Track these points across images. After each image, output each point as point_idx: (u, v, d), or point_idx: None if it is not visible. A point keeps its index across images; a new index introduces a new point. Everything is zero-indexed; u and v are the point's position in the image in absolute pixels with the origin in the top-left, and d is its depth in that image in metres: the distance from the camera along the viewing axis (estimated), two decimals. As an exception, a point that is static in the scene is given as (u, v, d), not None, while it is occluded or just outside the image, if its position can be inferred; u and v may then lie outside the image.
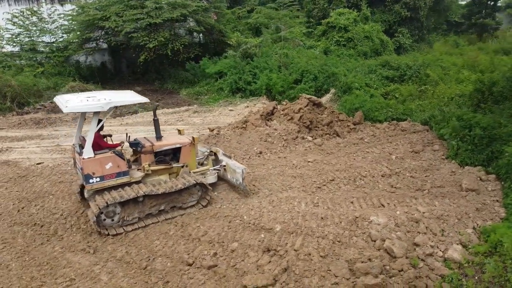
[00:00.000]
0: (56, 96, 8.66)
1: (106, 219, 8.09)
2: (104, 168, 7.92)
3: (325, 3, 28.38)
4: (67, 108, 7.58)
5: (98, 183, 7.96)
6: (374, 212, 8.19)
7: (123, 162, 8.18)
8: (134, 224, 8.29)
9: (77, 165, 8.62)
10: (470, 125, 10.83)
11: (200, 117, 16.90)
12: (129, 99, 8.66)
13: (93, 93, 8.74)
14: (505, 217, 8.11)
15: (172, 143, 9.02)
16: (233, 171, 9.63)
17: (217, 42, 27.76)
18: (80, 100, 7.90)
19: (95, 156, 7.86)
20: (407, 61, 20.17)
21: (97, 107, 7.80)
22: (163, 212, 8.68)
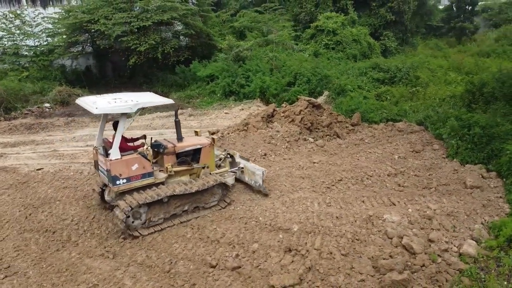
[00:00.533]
0: (79, 98, 8.61)
1: (134, 221, 8.09)
2: (130, 169, 7.94)
3: (312, 7, 28.71)
4: (97, 109, 7.55)
5: (125, 184, 7.97)
6: (387, 210, 8.38)
7: (148, 163, 8.23)
8: (157, 226, 8.31)
9: (100, 167, 8.55)
10: (469, 124, 11.20)
11: (197, 120, 16.85)
12: (155, 100, 8.66)
13: (117, 94, 8.74)
14: (509, 212, 8.44)
15: (193, 144, 9.10)
16: (252, 173, 9.74)
17: (205, 45, 27.78)
18: (108, 101, 7.87)
19: (121, 158, 7.87)
20: (397, 64, 20.62)
21: (126, 108, 7.82)
22: (186, 212, 8.75)
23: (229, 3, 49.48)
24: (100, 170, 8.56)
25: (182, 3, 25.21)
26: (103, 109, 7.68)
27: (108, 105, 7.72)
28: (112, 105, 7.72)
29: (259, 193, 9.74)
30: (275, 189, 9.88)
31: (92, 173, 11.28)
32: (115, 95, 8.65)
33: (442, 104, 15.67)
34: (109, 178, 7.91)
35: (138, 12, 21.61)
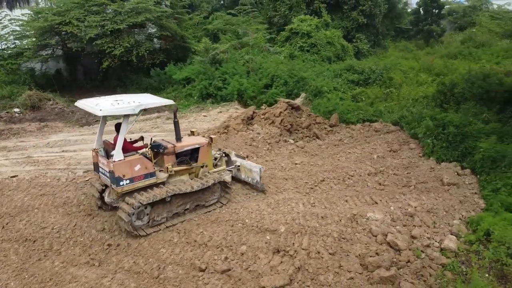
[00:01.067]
0: (79, 101, 8.59)
1: (137, 220, 8.14)
2: (133, 170, 8.04)
3: (286, 10, 29.01)
4: (101, 111, 7.64)
5: (128, 185, 8.05)
6: (370, 209, 8.57)
7: (150, 164, 8.36)
8: (162, 224, 8.46)
9: (101, 169, 8.57)
10: (443, 124, 11.60)
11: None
12: (156, 101, 8.87)
13: (116, 96, 8.81)
14: (485, 207, 8.79)
15: (192, 144, 9.27)
16: (249, 171, 10.01)
17: (180, 48, 27.59)
18: (111, 103, 7.98)
19: (124, 159, 7.96)
20: (370, 65, 21.11)
21: (129, 110, 7.93)
22: (187, 211, 8.92)
23: (201, 5, 49.35)
24: (101, 172, 8.58)
25: (156, 5, 25.01)
26: (107, 111, 7.76)
27: (111, 107, 7.82)
28: (115, 107, 7.84)
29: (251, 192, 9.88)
30: (255, 192, 9.93)
31: (70, 180, 11.02)
32: (115, 97, 8.72)
33: (416, 105, 16.15)
34: (112, 179, 7.96)
35: (111, 15, 21.21)
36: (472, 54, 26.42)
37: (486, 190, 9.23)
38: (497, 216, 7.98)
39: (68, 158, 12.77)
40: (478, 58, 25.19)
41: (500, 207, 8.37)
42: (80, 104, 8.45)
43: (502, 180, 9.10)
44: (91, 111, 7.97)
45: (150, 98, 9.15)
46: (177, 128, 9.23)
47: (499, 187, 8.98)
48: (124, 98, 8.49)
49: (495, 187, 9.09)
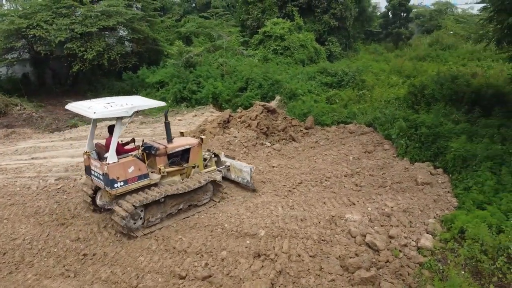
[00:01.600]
0: (69, 104, 8.53)
1: (131, 222, 8.17)
2: (127, 172, 8.09)
3: (258, 13, 29.10)
4: (95, 114, 7.63)
5: (123, 187, 8.10)
6: (348, 210, 8.66)
7: (144, 165, 8.42)
8: (157, 225, 8.56)
9: (93, 171, 8.53)
10: (416, 125, 11.90)
11: (150, 128, 16.43)
12: (148, 103, 8.88)
13: (108, 99, 8.82)
14: (458, 205, 9.04)
15: (183, 145, 9.39)
16: (239, 171, 10.21)
17: (152, 51, 27.24)
18: (104, 106, 7.94)
19: (118, 161, 7.98)
20: (343, 68, 21.46)
21: (123, 112, 7.92)
22: (181, 211, 9.06)
23: (173, 8, 48.99)
24: (93, 175, 8.54)
25: (127, 8, 24.60)
26: (101, 114, 7.71)
27: (104, 109, 7.78)
28: (109, 110, 7.80)
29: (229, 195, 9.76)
30: (237, 194, 9.90)
31: (41, 188, 10.64)
32: (107, 99, 8.72)
33: (388, 106, 16.52)
34: (106, 181, 7.96)
35: (81, 18, 20.69)
36: (440, 56, 27.29)
37: (458, 189, 9.51)
38: (469, 214, 8.21)
39: (38, 165, 12.33)
40: (445, 60, 26.05)
41: (472, 205, 8.62)
42: (71, 107, 8.39)
43: (473, 178, 9.39)
44: (84, 114, 7.93)
45: (142, 100, 9.17)
46: (168, 129, 9.28)
47: (471, 186, 9.25)
48: (116, 100, 8.49)
49: (466, 185, 9.37)
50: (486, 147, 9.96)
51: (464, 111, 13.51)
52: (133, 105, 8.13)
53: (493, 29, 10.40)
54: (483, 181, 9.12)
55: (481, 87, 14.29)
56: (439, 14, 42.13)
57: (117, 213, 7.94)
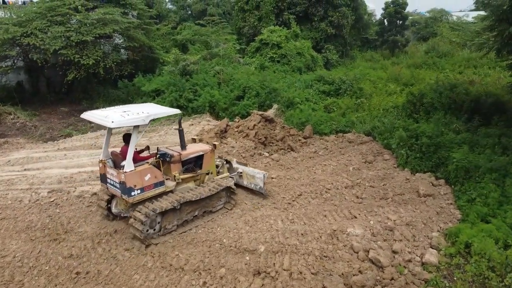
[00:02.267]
0: (85, 113, 8.53)
1: (149, 230, 8.14)
2: (144, 180, 8.12)
3: (255, 21, 29.06)
4: (113, 123, 7.61)
5: (139, 195, 8.11)
6: (350, 224, 8.45)
7: (160, 173, 8.44)
8: (172, 232, 8.53)
9: (109, 180, 8.52)
10: (416, 134, 11.72)
11: (146, 138, 16.13)
12: (164, 111, 8.92)
13: (122, 107, 8.81)
14: (461, 218, 8.85)
15: (197, 151, 9.45)
16: (252, 177, 10.26)
17: (148, 59, 27.06)
18: (120, 115, 7.93)
19: (135, 169, 8.00)
20: (340, 76, 21.33)
21: (140, 121, 7.97)
22: (196, 217, 9.05)
23: (169, 15, 49.02)
24: (109, 183, 8.55)
25: (123, 16, 24.43)
26: (118, 123, 7.72)
27: (122, 118, 7.78)
28: (126, 119, 7.82)
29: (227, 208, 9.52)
30: (236, 207, 9.62)
31: (33, 201, 10.33)
32: (121, 107, 8.73)
33: (386, 115, 16.38)
34: (123, 190, 7.97)
35: (76, 25, 20.47)
36: (436, 63, 27.27)
37: (461, 201, 9.32)
38: (474, 228, 8.03)
39: (31, 177, 12.02)
40: (442, 68, 26.03)
41: (476, 218, 8.44)
42: (87, 116, 8.40)
43: (476, 190, 9.21)
44: (101, 123, 7.93)
45: (157, 107, 9.23)
46: (182, 136, 9.32)
47: (474, 198, 9.07)
48: (132, 108, 8.51)
49: (470, 197, 9.19)
50: (489, 158, 9.80)
51: (463, 120, 13.37)
52: (149, 114, 8.18)
53: (493, 38, 10.29)
54: (486, 193, 8.95)
55: (480, 95, 14.17)
56: (435, 21, 42.30)
57: (135, 220, 7.96)
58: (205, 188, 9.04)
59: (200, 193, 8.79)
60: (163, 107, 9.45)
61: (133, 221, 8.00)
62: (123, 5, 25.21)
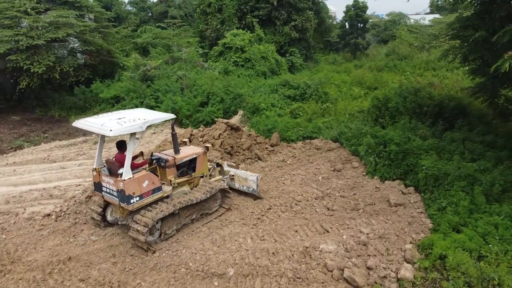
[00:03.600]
0: (77, 122, 8.23)
1: (149, 236, 8.11)
2: (142, 186, 8.07)
3: (217, 24, 28.53)
4: (112, 131, 7.42)
5: (138, 202, 8.06)
6: (322, 239, 8.10)
7: (157, 179, 8.43)
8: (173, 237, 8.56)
9: (105, 188, 8.37)
10: (384, 141, 11.60)
11: (104, 149, 15.17)
12: (159, 116, 8.75)
13: (116, 113, 8.61)
14: (433, 227, 8.73)
15: (190, 154, 9.49)
16: (244, 180, 10.40)
17: (106, 63, 25.90)
18: (117, 122, 7.79)
19: (133, 176, 7.92)
20: (305, 80, 21.17)
21: (138, 128, 7.87)
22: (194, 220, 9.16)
23: (129, 17, 47.53)
24: (105, 191, 8.40)
25: (78, 18, 23.22)
26: (117, 131, 7.54)
27: (120, 126, 7.63)
28: (123, 126, 7.67)
29: (192, 227, 8.89)
30: (200, 226, 9.05)
31: None
32: (114, 114, 8.55)
33: (353, 120, 16.31)
34: (122, 198, 7.89)
35: (26, 29, 19.16)
36: (397, 66, 27.75)
37: (432, 209, 9.21)
38: (447, 238, 7.89)
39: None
40: (402, 70, 26.53)
41: (448, 228, 8.33)
42: (80, 124, 8.12)
43: (446, 198, 9.12)
44: (98, 131, 7.76)
45: (150, 113, 9.05)
46: (175, 141, 9.30)
47: (444, 206, 8.97)
48: (126, 115, 8.38)
49: (440, 206, 9.08)
50: (458, 165, 9.76)
51: (428, 124, 13.45)
52: (146, 120, 8.11)
53: (459, 45, 10.33)
54: (456, 201, 8.87)
55: (443, 99, 14.32)
56: (393, 24, 43.34)
57: (135, 230, 7.87)
58: (201, 191, 9.10)
59: (198, 197, 8.85)
60: (157, 112, 9.37)
61: (133, 230, 7.91)
62: (78, 7, 23.99)
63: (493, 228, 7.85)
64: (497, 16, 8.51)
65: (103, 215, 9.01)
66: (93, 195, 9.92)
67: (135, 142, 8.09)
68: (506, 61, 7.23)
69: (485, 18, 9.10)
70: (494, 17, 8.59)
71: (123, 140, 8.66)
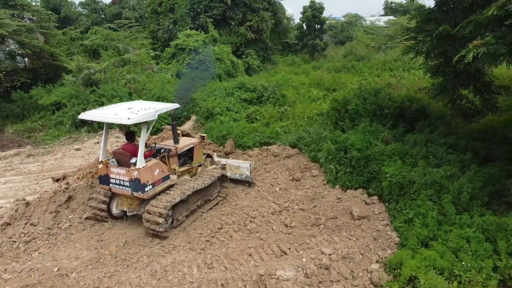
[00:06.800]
0: (85, 113, 8.28)
1: (164, 223, 8.08)
2: (154, 175, 8.22)
3: (170, 24, 27.11)
4: (129, 120, 7.53)
5: (151, 190, 8.19)
6: (279, 264, 7.08)
7: (166, 167, 8.64)
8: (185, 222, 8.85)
9: (114, 180, 8.30)
10: (345, 147, 10.78)
11: (38, 163, 13.53)
12: (166, 106, 8.94)
13: (120, 105, 8.80)
14: (400, 241, 7.96)
15: (188, 144, 9.84)
16: (236, 168, 10.75)
17: (49, 67, 23.83)
18: (130, 111, 7.90)
19: (146, 165, 8.04)
20: (262, 82, 20.24)
21: (151, 116, 8.01)
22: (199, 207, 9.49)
23: (79, 19, 44.99)
24: (114, 183, 8.35)
25: (14, 18, 21.17)
26: (134, 119, 7.63)
27: (136, 115, 7.73)
28: (139, 115, 7.80)
29: (130, 253, 7.59)
30: (140, 253, 7.78)
31: None
32: (120, 105, 8.67)
33: (311, 123, 15.52)
34: (136, 187, 7.97)
35: None
36: (355, 67, 27.45)
37: (398, 221, 8.43)
38: (416, 256, 7.09)
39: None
40: (360, 71, 26.23)
41: (416, 242, 7.56)
42: (88, 116, 8.19)
43: (412, 209, 8.36)
44: (113, 121, 7.87)
45: (155, 103, 9.09)
46: (175, 130, 9.73)
47: (411, 217, 8.20)
48: (134, 105, 8.52)
49: (406, 217, 8.30)
50: (423, 171, 9.04)
51: (389, 126, 12.85)
52: (156, 109, 8.27)
53: (422, 40, 9.66)
54: (424, 212, 8.12)
55: (403, 101, 13.79)
56: (350, 26, 43.45)
57: (149, 219, 7.91)
58: (205, 177, 9.47)
59: (205, 182, 9.22)
60: (158, 102, 9.69)
61: (149, 216, 7.92)
62: (13, 6, 21.89)
63: (465, 243, 7.12)
64: (460, 8, 7.87)
65: (109, 209, 8.88)
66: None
67: (146, 131, 8.12)
68: (471, 51, 6.53)
69: (448, 11, 8.46)
70: (457, 8, 7.95)
71: (132, 131, 8.99)
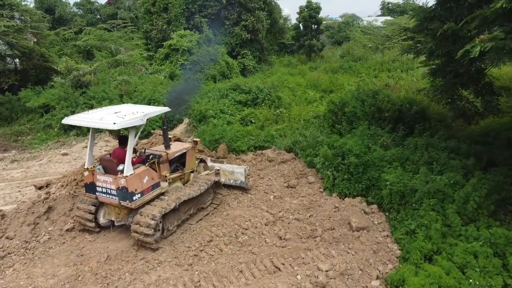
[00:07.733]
0: (69, 118, 7.96)
1: (154, 234, 7.64)
2: (142, 183, 7.79)
3: (163, 24, 26.55)
4: (115, 124, 7.13)
5: (140, 199, 7.75)
6: (272, 282, 6.56)
7: (156, 174, 8.22)
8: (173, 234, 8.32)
9: (101, 188, 7.85)
10: (343, 152, 10.27)
11: (21, 169, 12.95)
12: (155, 110, 8.58)
13: (107, 109, 8.41)
14: (401, 255, 7.47)
15: (180, 150, 9.30)
16: (231, 173, 10.32)
17: (40, 68, 23.22)
18: (116, 116, 7.47)
19: (134, 172, 7.63)
20: (257, 84, 19.69)
21: (139, 121, 7.63)
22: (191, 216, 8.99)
23: (74, 19, 44.40)
24: (100, 191, 7.89)
25: (2, 18, 20.60)
26: (121, 124, 7.25)
27: (122, 119, 7.35)
28: (125, 120, 7.42)
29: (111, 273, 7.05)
30: (123, 269, 7.22)
31: None
32: (107, 109, 8.32)
33: (308, 126, 15.00)
34: (124, 195, 7.49)
35: None
36: (352, 68, 26.95)
37: (399, 233, 7.94)
38: (420, 272, 6.60)
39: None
40: (358, 72, 25.71)
41: (419, 257, 7.06)
42: (72, 120, 7.82)
43: (415, 219, 7.87)
44: (98, 126, 7.50)
45: (143, 107, 8.84)
46: (166, 135, 9.19)
47: (413, 229, 7.72)
48: (120, 109, 8.08)
49: (408, 228, 7.81)
50: (425, 179, 8.53)
51: (388, 130, 12.34)
52: (144, 113, 7.89)
53: (423, 40, 9.16)
54: (427, 223, 7.62)
55: (402, 103, 13.28)
56: (347, 26, 43.01)
57: (137, 230, 7.48)
58: (198, 184, 9.03)
59: (198, 190, 8.76)
60: (148, 106, 9.41)
61: (138, 227, 7.49)
62: (1, 6, 21.27)
63: (472, 258, 6.63)
64: (466, 4, 7.36)
65: (95, 218, 8.38)
66: None
67: (134, 136, 7.71)
68: (477, 45, 6.04)
69: (452, 8, 7.94)
70: (463, 5, 7.45)
71: (125, 136, 8.26)
